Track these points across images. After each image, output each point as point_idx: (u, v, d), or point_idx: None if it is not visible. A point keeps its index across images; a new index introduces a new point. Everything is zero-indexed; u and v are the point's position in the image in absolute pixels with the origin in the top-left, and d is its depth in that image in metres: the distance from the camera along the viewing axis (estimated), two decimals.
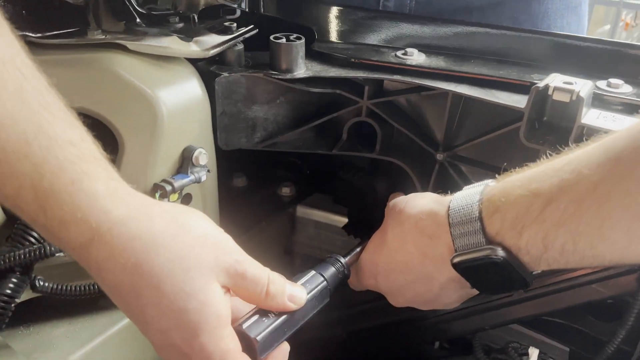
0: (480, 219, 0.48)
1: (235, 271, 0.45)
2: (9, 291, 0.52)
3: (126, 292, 0.42)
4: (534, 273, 0.49)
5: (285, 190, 0.90)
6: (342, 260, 0.58)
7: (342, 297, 0.67)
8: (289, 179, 0.91)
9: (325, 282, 0.54)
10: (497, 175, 0.53)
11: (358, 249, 0.61)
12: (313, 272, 0.55)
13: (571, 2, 0.87)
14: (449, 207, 0.52)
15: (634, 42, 0.67)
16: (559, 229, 0.44)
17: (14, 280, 0.53)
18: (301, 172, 0.94)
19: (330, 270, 0.56)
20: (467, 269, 0.50)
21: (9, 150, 0.38)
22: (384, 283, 0.59)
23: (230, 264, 0.45)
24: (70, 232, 0.41)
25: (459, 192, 0.53)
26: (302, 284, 0.52)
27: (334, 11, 0.75)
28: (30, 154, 0.39)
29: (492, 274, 0.48)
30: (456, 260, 0.50)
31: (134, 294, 0.42)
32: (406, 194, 0.69)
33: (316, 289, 0.53)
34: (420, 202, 0.56)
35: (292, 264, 0.94)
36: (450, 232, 0.51)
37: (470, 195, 0.51)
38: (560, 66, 0.64)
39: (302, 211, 0.90)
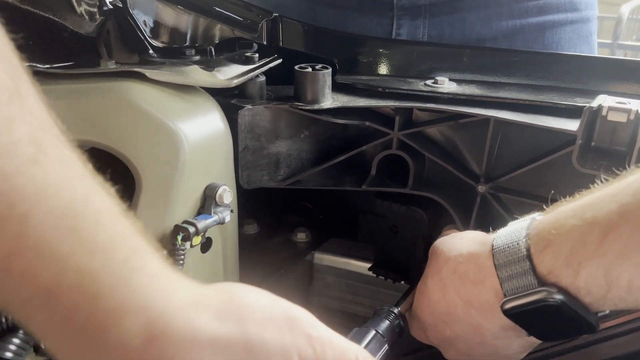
0: (529, 257, 0.43)
1: (314, 351, 0.36)
2: (9, 354, 0.45)
3: None
4: (600, 314, 0.43)
5: (301, 236, 0.83)
6: (395, 310, 0.53)
7: None
8: (302, 224, 0.85)
9: (386, 343, 0.49)
10: (544, 207, 0.49)
11: (410, 294, 0.56)
12: (374, 333, 0.49)
13: (582, 31, 0.86)
14: (492, 246, 0.46)
15: None
16: (623, 262, 0.38)
17: (16, 341, 0.45)
18: (314, 217, 0.88)
19: (386, 325, 0.51)
20: (520, 316, 0.44)
21: (50, 226, 0.30)
22: (433, 336, 0.53)
23: (308, 342, 0.36)
24: (121, 328, 0.31)
25: (502, 229, 0.48)
26: (369, 349, 0.47)
27: (354, 43, 0.72)
28: (79, 227, 0.31)
29: (551, 320, 0.42)
30: (507, 306, 0.44)
31: None
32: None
33: (381, 353, 0.48)
34: (458, 244, 0.51)
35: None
36: (497, 274, 0.45)
37: (516, 231, 0.46)
38: (603, 88, 0.61)
39: (319, 258, 0.83)
